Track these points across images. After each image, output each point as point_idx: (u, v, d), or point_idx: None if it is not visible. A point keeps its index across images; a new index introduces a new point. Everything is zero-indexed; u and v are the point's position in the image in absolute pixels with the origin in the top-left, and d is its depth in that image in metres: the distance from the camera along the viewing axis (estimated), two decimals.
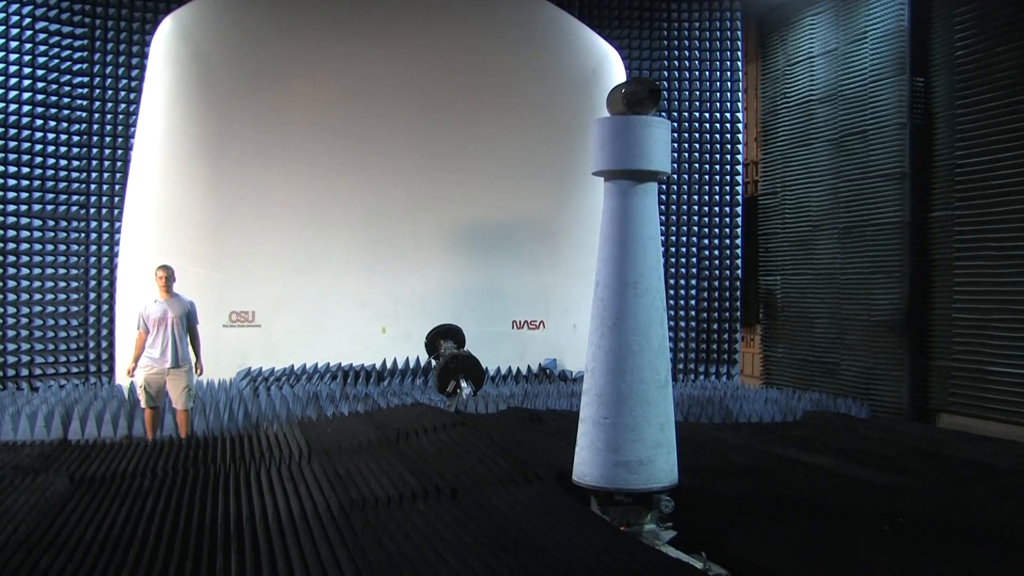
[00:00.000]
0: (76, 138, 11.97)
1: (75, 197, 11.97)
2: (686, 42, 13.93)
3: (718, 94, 13.93)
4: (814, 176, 12.55)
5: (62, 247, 11.91)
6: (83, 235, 12.04)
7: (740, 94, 14.01)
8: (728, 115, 13.94)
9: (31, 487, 6.11)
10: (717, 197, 13.93)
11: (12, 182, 11.56)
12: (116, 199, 12.17)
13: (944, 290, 10.51)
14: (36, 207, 11.71)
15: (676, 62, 13.93)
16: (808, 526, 5.22)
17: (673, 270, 13.77)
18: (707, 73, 13.93)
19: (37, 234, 11.72)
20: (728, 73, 13.94)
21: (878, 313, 11.26)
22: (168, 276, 8.87)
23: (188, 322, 8.91)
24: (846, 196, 11.86)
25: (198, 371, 9.06)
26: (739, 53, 14.00)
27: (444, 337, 11.90)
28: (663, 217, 13.58)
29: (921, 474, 6.93)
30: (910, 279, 10.85)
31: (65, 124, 11.90)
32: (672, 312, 13.64)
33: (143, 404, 8.82)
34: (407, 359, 13.50)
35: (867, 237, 11.48)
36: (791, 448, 7.94)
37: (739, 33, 13.98)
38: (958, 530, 5.24)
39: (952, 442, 8.73)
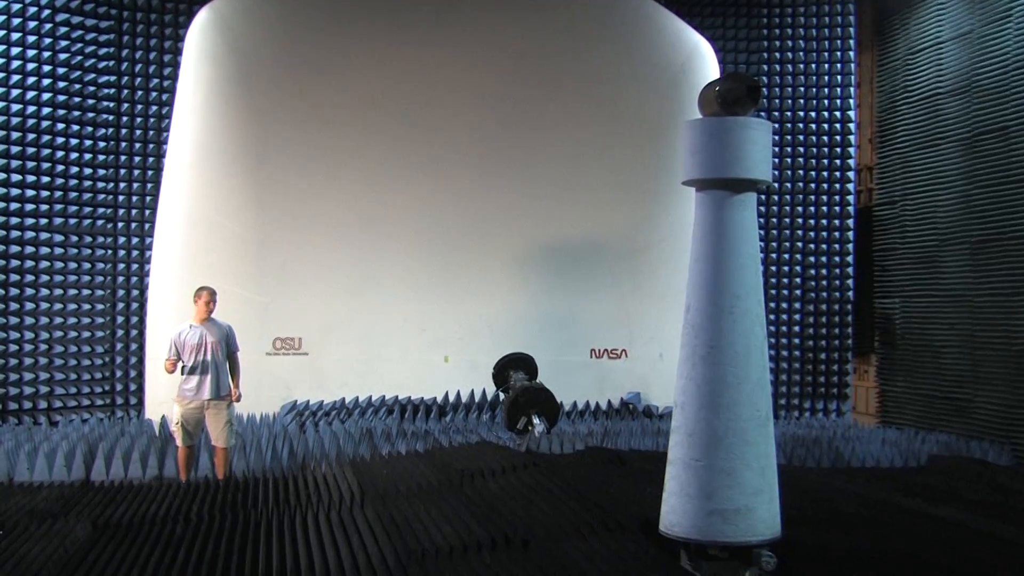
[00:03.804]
0: (103, 144, 12.23)
1: (101, 210, 12.23)
2: (789, 30, 13.84)
3: (827, 90, 13.78)
4: (941, 182, 12.32)
5: (87, 265, 12.13)
6: (110, 251, 12.28)
7: (853, 89, 13.84)
8: (838, 114, 13.79)
9: (48, 534, 6.26)
10: (825, 208, 13.76)
11: (31, 192, 11.71)
12: (147, 211, 12.43)
13: None
14: (58, 220, 11.92)
15: (778, 54, 13.84)
16: None
17: (775, 292, 13.62)
18: (814, 66, 13.81)
19: (59, 250, 11.91)
20: (839, 65, 13.80)
21: (1021, 341, 10.97)
22: (215, 300, 9.01)
23: (227, 348, 9.07)
24: (980, 204, 11.61)
25: (235, 398, 9.17)
26: (852, 41, 13.85)
27: (514, 367, 11.98)
28: (763, 232, 13.46)
29: None
30: None
31: (90, 128, 12.16)
32: (773, 340, 13.47)
33: (180, 443, 8.89)
34: (472, 391, 13.56)
35: (1006, 252, 11.22)
36: (914, 498, 7.79)
37: (852, 18, 13.84)
38: None
39: None
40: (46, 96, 11.80)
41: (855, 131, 13.86)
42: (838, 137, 13.78)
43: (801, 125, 13.79)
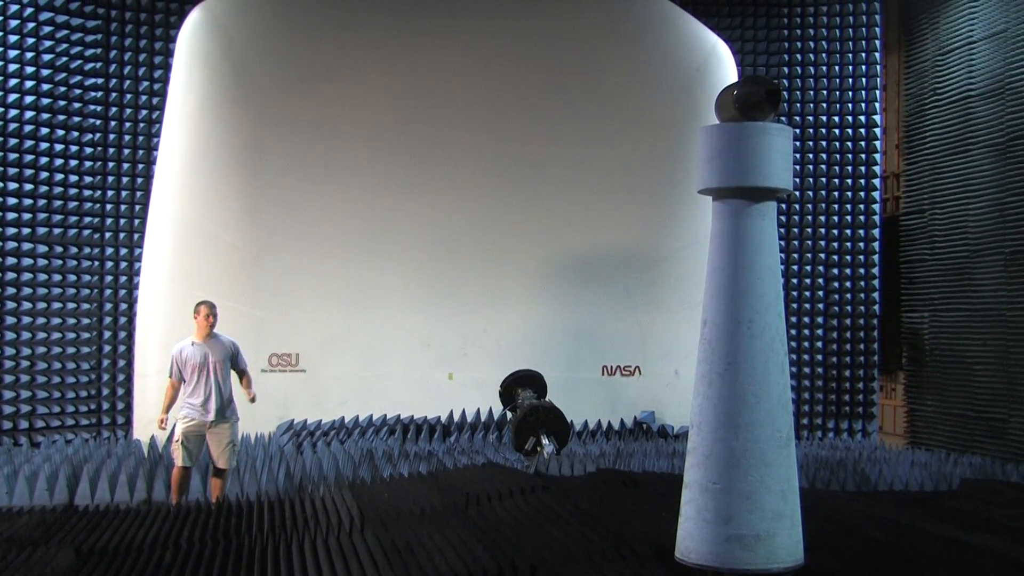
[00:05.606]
0: (89, 150, 12.24)
1: (88, 219, 12.23)
2: (811, 31, 13.86)
3: (851, 93, 13.80)
4: (972, 189, 12.30)
5: (72, 277, 12.11)
6: (97, 263, 12.28)
7: (878, 92, 13.85)
8: (863, 118, 13.79)
9: (29, 563, 6.23)
10: (849, 218, 13.76)
11: (13, 200, 11.71)
12: (136, 221, 12.45)
13: None
14: (43, 230, 11.91)
15: (799, 56, 13.86)
16: None
17: (796, 306, 13.61)
18: (837, 68, 13.83)
19: (43, 262, 11.90)
20: (863, 67, 13.82)
21: None
22: (214, 315, 8.98)
23: (234, 366, 9.03)
24: (1014, 213, 11.59)
25: (249, 396, 9.13)
26: (877, 42, 13.87)
27: (522, 385, 11.96)
28: (783, 242, 13.46)
29: None
30: None
31: (76, 134, 12.17)
32: (795, 356, 13.45)
33: (181, 463, 8.86)
34: (478, 411, 13.56)
35: None
36: (946, 524, 7.75)
37: (877, 17, 13.86)
38: None
39: None
40: (29, 99, 11.79)
41: (881, 136, 13.86)
42: (863, 143, 13.77)
43: (824, 131, 13.79)
